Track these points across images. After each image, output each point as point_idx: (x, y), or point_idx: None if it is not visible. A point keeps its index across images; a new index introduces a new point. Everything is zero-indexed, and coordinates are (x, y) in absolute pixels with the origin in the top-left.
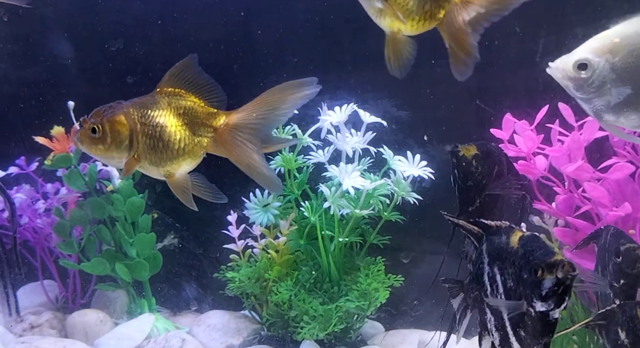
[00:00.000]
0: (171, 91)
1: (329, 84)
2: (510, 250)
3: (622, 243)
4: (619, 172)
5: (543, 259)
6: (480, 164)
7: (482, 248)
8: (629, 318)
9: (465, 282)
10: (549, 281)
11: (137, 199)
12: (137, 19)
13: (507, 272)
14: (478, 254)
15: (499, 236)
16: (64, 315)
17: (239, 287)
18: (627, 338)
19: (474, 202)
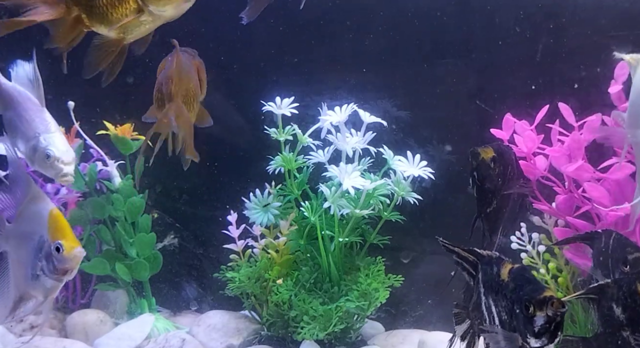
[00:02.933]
0: None
1: (329, 84)
2: (501, 282)
3: (630, 252)
4: (619, 172)
5: (532, 296)
6: (497, 166)
7: (478, 277)
8: (626, 294)
9: (470, 309)
10: (541, 318)
11: (137, 199)
12: None
13: (501, 304)
14: (476, 282)
15: (490, 267)
16: (64, 315)
17: (239, 287)
18: (623, 314)
19: (492, 204)
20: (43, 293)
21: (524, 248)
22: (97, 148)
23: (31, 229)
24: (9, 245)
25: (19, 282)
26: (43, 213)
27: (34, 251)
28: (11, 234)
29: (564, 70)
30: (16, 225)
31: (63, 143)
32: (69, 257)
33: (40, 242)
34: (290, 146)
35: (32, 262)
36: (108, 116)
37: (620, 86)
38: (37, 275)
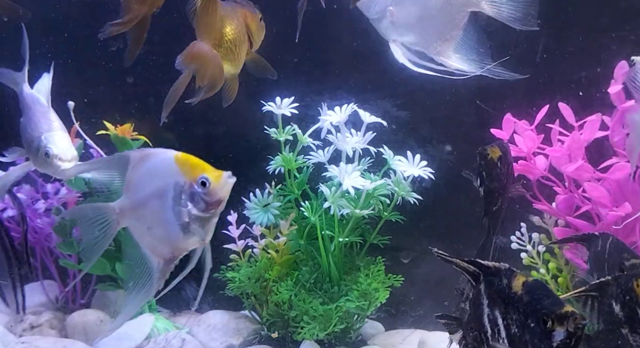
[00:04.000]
0: None
1: (329, 84)
2: (513, 295)
3: (627, 258)
4: (619, 172)
5: (552, 309)
6: (503, 165)
7: (479, 288)
8: (624, 291)
9: (464, 320)
10: (561, 333)
11: None
12: None
13: (510, 317)
14: (476, 294)
15: (498, 278)
16: (64, 315)
17: (239, 287)
18: (622, 311)
19: (497, 202)
20: (199, 238)
21: (524, 248)
22: (97, 148)
23: (158, 186)
24: (130, 219)
25: (161, 246)
26: (167, 164)
27: (172, 203)
28: (129, 207)
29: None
30: (131, 195)
31: (63, 141)
32: (219, 186)
33: (177, 190)
34: (290, 146)
35: (176, 214)
36: (108, 116)
37: (620, 86)
38: (187, 222)
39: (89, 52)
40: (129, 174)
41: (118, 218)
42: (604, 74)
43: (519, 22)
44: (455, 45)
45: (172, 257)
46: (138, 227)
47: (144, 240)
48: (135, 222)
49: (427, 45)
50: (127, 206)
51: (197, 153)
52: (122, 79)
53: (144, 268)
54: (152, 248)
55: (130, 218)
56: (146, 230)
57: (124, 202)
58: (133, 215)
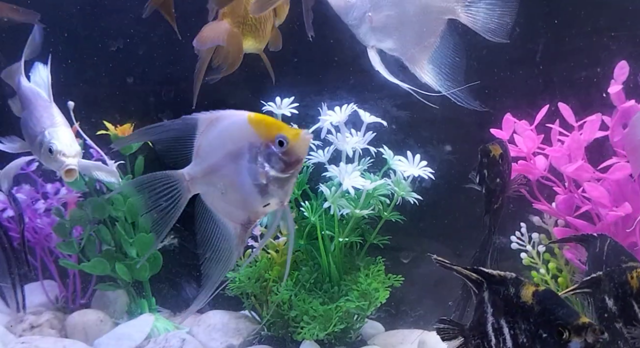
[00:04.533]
0: None
1: (329, 84)
2: (522, 304)
3: (624, 261)
4: (619, 172)
5: (569, 321)
6: (504, 163)
7: (483, 296)
8: (618, 285)
9: (466, 327)
10: (577, 344)
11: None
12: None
13: (519, 327)
14: (479, 301)
15: (504, 287)
16: (64, 315)
17: (239, 287)
18: (616, 306)
19: (498, 200)
20: (278, 200)
21: (524, 249)
22: (97, 148)
23: (231, 149)
24: (202, 185)
25: (238, 211)
26: (240, 125)
27: (248, 166)
28: (201, 173)
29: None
30: (202, 160)
31: (67, 136)
32: (298, 143)
33: (253, 152)
34: None
35: (253, 177)
36: (108, 116)
37: (620, 86)
38: (265, 184)
39: (89, 52)
40: (199, 138)
41: (189, 186)
42: (604, 74)
43: (491, 33)
44: (432, 52)
45: (250, 222)
46: (211, 193)
47: (219, 207)
48: (208, 188)
49: (405, 52)
50: (199, 172)
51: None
52: (122, 79)
53: (221, 236)
54: (227, 214)
55: (202, 184)
56: (220, 195)
57: (195, 168)
58: (205, 181)
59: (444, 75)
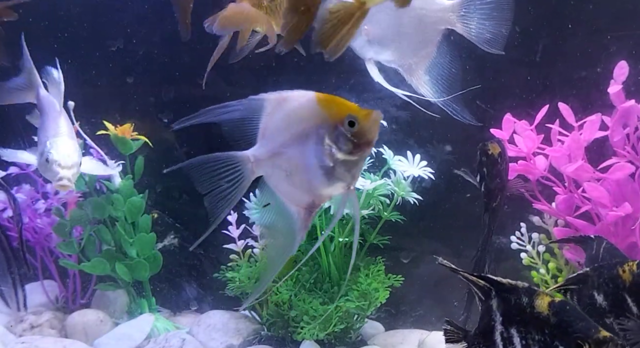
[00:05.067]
0: None
1: (329, 84)
2: (536, 314)
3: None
4: (619, 172)
5: (589, 334)
6: (502, 161)
7: (490, 303)
8: (608, 280)
9: (471, 333)
10: None
11: (137, 199)
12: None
13: (532, 337)
14: (486, 309)
15: (516, 296)
16: (64, 315)
17: (239, 287)
18: (606, 301)
19: (497, 198)
20: (345, 183)
21: (524, 249)
22: (97, 148)
23: (298, 130)
24: (266, 167)
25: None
26: (308, 106)
27: (314, 147)
28: (266, 155)
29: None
30: (267, 141)
31: (66, 146)
32: (369, 124)
33: (320, 133)
34: None
35: (320, 159)
36: (108, 116)
37: (620, 86)
38: (331, 167)
39: (89, 52)
40: (265, 119)
41: (253, 168)
42: (604, 74)
43: (487, 44)
44: (429, 63)
45: (314, 205)
46: (276, 175)
47: (283, 189)
48: (272, 171)
49: (402, 63)
50: (264, 154)
51: (196, 153)
52: (122, 79)
53: (284, 220)
54: (291, 197)
55: (266, 166)
56: (285, 178)
57: (260, 149)
58: (270, 163)
59: (441, 86)
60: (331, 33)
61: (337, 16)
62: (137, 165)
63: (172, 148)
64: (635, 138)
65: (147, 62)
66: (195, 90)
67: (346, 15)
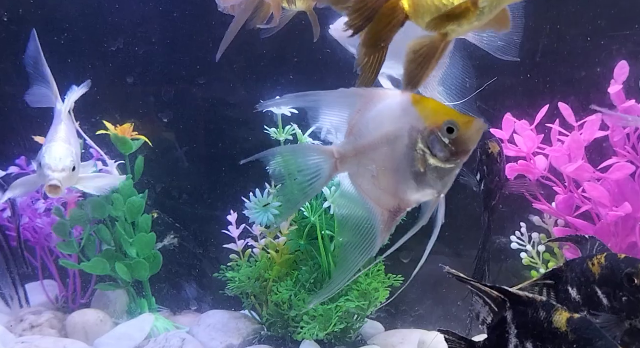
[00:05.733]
0: None
1: (329, 84)
2: (554, 330)
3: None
4: (619, 172)
5: None
6: (501, 160)
7: (505, 316)
8: (580, 274)
9: (479, 345)
10: None
11: (137, 199)
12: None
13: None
14: (499, 321)
15: (533, 309)
16: (64, 315)
17: (239, 287)
18: (579, 294)
19: (496, 197)
20: (435, 191)
21: (524, 249)
22: (97, 148)
23: (389, 131)
24: (351, 165)
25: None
26: (403, 106)
27: (406, 151)
28: (352, 153)
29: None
30: (355, 139)
31: (59, 151)
32: (470, 132)
33: (413, 136)
34: None
35: (410, 163)
36: (108, 116)
37: (620, 86)
38: (422, 173)
39: (89, 52)
40: (355, 116)
41: (337, 164)
42: (604, 74)
43: (500, 51)
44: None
45: (400, 209)
46: (361, 174)
47: (367, 190)
48: (358, 169)
49: None
50: (350, 151)
51: (196, 153)
52: (122, 79)
53: (365, 220)
54: (376, 199)
55: (351, 164)
56: (370, 178)
57: (346, 146)
58: (356, 161)
59: (455, 96)
60: (419, 72)
61: (422, 54)
62: (137, 165)
63: (172, 148)
64: (635, 138)
65: (147, 62)
66: (195, 90)
67: (431, 51)
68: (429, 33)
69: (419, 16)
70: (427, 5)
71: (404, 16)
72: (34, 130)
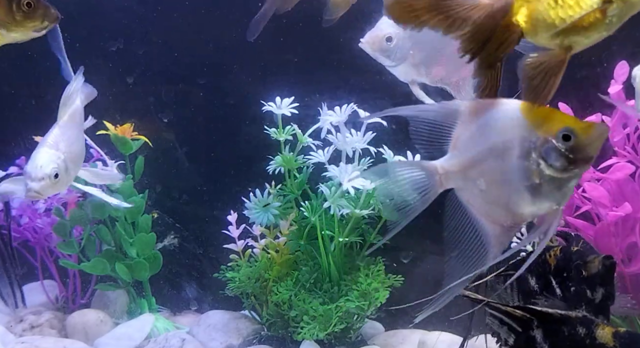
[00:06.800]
0: None
1: (329, 84)
2: (599, 346)
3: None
4: (619, 172)
5: None
6: None
7: (532, 335)
8: (538, 264)
9: None
10: None
11: (137, 199)
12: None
13: None
14: (527, 341)
15: (570, 326)
16: (64, 315)
17: (239, 287)
18: (537, 283)
19: None
20: (553, 203)
21: (524, 248)
22: (97, 148)
23: (497, 142)
24: (457, 180)
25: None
26: (510, 116)
27: (517, 162)
28: (458, 167)
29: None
30: (460, 152)
31: (41, 158)
32: (590, 138)
33: (525, 147)
34: (290, 146)
35: (524, 175)
36: (108, 116)
37: (620, 86)
38: (538, 184)
39: (89, 52)
40: (458, 129)
41: (441, 180)
42: (604, 74)
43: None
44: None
45: (514, 224)
46: (468, 189)
47: (476, 204)
48: (464, 184)
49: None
50: (455, 166)
51: (197, 153)
52: (122, 79)
53: (474, 235)
54: (486, 214)
55: (458, 179)
56: (479, 193)
57: (451, 161)
58: (462, 175)
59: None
60: (544, 88)
61: (544, 69)
62: (137, 165)
63: (172, 148)
64: (635, 138)
65: (147, 62)
66: (195, 90)
67: (555, 66)
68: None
69: (536, 32)
70: (544, 20)
71: (519, 33)
72: (34, 130)
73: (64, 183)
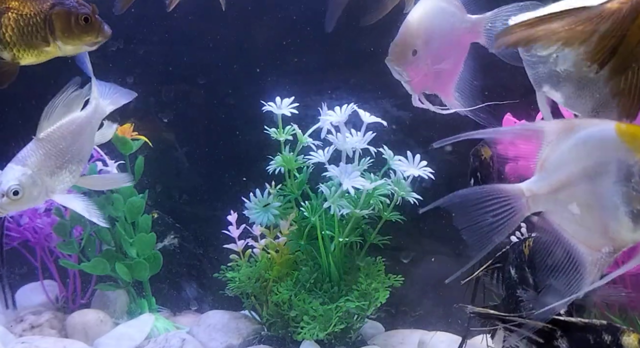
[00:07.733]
0: None
1: (329, 84)
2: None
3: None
4: None
5: None
6: (494, 164)
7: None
8: (517, 255)
9: None
10: None
11: (137, 199)
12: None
13: None
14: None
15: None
16: (64, 315)
17: (239, 287)
18: (517, 274)
19: None
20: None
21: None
22: (97, 148)
23: (590, 165)
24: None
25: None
26: (604, 137)
27: (615, 187)
28: (547, 190)
29: None
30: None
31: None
32: None
33: (622, 170)
34: (290, 146)
35: (624, 200)
36: (108, 116)
37: None
38: (637, 210)
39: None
40: (545, 150)
41: (529, 203)
42: None
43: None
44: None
45: (614, 251)
46: (559, 213)
47: (570, 229)
48: (555, 207)
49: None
50: (543, 188)
51: (197, 153)
52: (122, 79)
53: (569, 260)
54: (581, 238)
55: (547, 202)
56: (571, 217)
57: (538, 183)
58: (552, 198)
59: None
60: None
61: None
62: (137, 165)
63: (172, 148)
64: None
65: (147, 62)
66: (195, 90)
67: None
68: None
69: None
70: None
71: None
72: (34, 130)
73: (31, 199)
